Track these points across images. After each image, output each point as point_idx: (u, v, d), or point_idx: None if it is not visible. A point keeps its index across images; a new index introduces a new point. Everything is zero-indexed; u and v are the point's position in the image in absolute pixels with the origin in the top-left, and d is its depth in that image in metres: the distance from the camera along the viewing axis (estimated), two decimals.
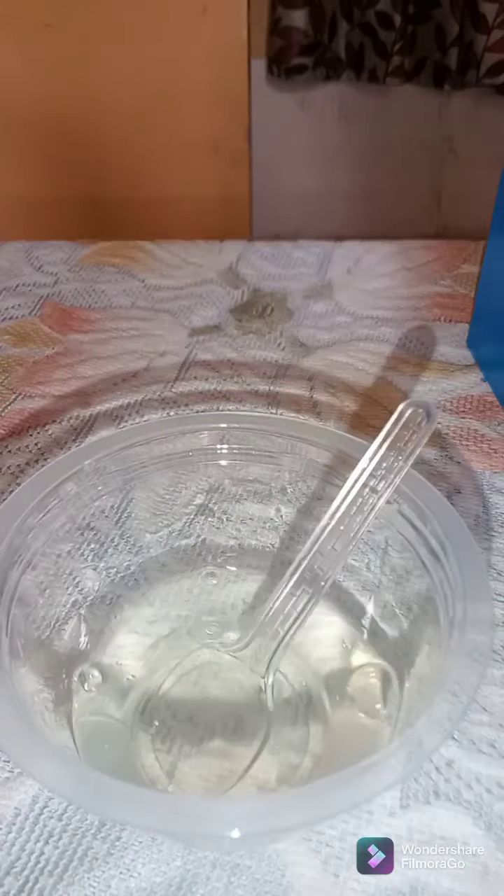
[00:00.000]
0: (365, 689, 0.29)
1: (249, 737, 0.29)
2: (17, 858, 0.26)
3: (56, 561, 0.30)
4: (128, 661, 0.31)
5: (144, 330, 0.56)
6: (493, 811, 0.27)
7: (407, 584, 0.30)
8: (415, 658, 0.28)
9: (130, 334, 0.55)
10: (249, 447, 0.33)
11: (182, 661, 0.31)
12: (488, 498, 0.40)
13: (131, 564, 0.35)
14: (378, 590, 0.32)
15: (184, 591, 0.34)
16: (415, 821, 0.27)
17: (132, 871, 0.26)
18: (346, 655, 0.31)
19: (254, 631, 0.29)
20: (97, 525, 0.34)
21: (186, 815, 0.19)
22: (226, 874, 0.25)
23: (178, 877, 0.25)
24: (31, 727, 0.22)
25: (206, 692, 0.30)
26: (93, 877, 0.25)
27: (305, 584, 0.28)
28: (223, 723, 0.29)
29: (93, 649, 0.31)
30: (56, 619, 0.31)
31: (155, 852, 0.26)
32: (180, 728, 0.29)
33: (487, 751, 0.29)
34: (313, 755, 0.28)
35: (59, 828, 0.27)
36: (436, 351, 0.53)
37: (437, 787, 0.28)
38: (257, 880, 0.25)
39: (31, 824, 0.27)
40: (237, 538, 0.36)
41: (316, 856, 0.26)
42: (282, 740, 0.28)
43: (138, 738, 0.28)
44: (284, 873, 0.26)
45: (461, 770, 0.28)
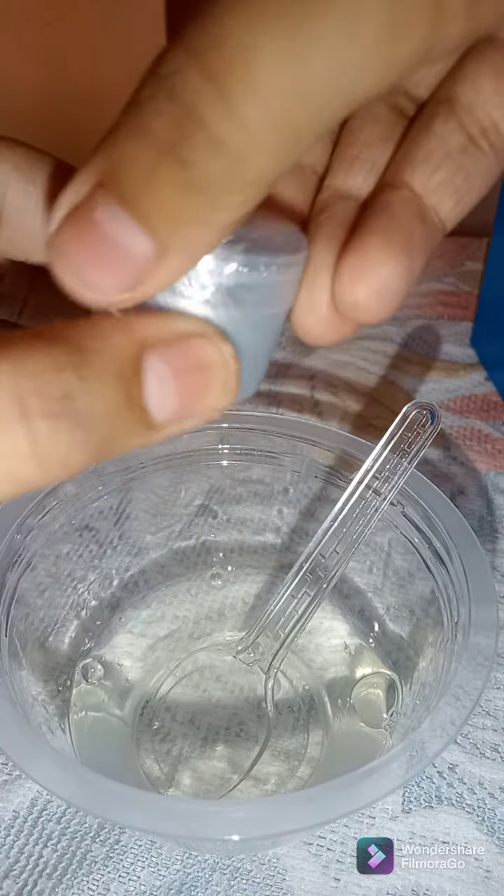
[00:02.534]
0: (368, 699, 0.29)
1: (250, 740, 0.28)
2: (15, 861, 0.26)
3: (55, 562, 0.30)
4: (127, 661, 0.31)
5: None
6: (495, 815, 0.27)
7: (410, 587, 0.29)
8: (418, 662, 0.27)
9: None
10: (250, 447, 0.33)
11: (182, 663, 0.31)
12: (493, 499, 0.40)
13: (131, 566, 0.34)
14: (381, 593, 0.32)
15: (183, 593, 0.34)
16: (417, 825, 0.26)
17: (131, 875, 0.25)
18: (349, 660, 0.31)
19: (255, 633, 0.29)
20: (96, 526, 0.33)
21: (186, 818, 0.19)
22: (226, 878, 0.25)
23: (177, 880, 0.25)
24: (30, 729, 0.22)
25: (207, 694, 0.30)
26: (92, 880, 0.25)
27: (307, 586, 0.28)
28: (224, 725, 0.29)
29: (93, 650, 0.31)
30: (55, 621, 0.30)
31: (154, 855, 0.26)
32: (181, 730, 0.29)
33: (491, 755, 0.28)
34: (313, 760, 0.28)
35: (57, 831, 0.26)
36: (439, 349, 0.53)
37: (439, 791, 0.27)
38: (257, 884, 0.25)
39: (29, 827, 0.27)
40: (238, 539, 0.36)
41: (317, 860, 0.26)
42: (282, 744, 0.28)
43: (138, 739, 0.28)
44: (285, 877, 0.25)
45: (464, 774, 0.28)
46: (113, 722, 0.29)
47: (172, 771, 0.27)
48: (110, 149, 0.12)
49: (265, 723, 0.29)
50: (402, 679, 0.28)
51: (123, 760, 0.28)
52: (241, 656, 0.30)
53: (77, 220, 0.12)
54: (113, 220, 0.12)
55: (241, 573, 0.35)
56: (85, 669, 0.30)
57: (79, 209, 0.12)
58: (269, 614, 0.29)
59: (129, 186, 0.11)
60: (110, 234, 0.12)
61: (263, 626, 0.29)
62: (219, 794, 0.27)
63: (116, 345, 0.13)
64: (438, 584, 0.26)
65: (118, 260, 0.12)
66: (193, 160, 0.11)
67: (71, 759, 0.26)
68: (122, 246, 0.12)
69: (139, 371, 0.13)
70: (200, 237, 0.12)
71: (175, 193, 0.11)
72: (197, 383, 0.14)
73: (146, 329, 0.13)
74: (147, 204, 0.11)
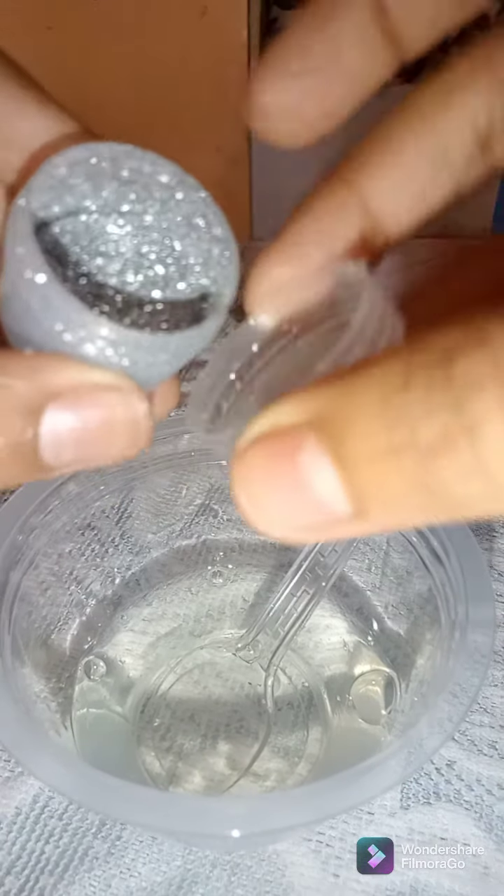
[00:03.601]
0: (366, 696, 0.29)
1: (250, 737, 0.29)
2: (17, 858, 0.26)
3: (57, 560, 0.30)
4: (128, 659, 0.31)
5: None
6: (493, 812, 0.27)
7: (408, 585, 0.30)
8: (416, 659, 0.28)
9: None
10: None
11: (183, 660, 0.31)
12: None
13: (132, 564, 0.35)
14: (379, 591, 0.32)
15: (184, 591, 0.34)
16: (415, 821, 0.27)
17: (132, 871, 0.26)
18: (348, 658, 0.31)
19: (255, 631, 0.29)
20: (98, 525, 0.34)
21: (187, 814, 0.19)
22: (226, 874, 0.25)
23: (178, 876, 0.25)
24: (32, 726, 0.22)
25: (207, 691, 0.30)
26: (93, 876, 0.25)
27: (307, 584, 0.28)
28: (224, 722, 0.29)
29: (94, 648, 0.31)
30: (57, 619, 0.31)
31: (155, 852, 0.26)
32: (181, 727, 0.29)
33: (488, 752, 0.29)
34: (313, 756, 0.28)
35: (59, 827, 0.27)
36: None
37: (437, 788, 0.28)
38: (257, 880, 0.25)
39: (31, 823, 0.27)
40: (238, 538, 0.36)
41: (316, 856, 0.26)
42: (282, 741, 0.28)
43: (139, 736, 0.29)
44: (284, 873, 0.26)
45: (462, 771, 0.28)
46: (114, 719, 0.29)
47: (173, 767, 0.28)
48: (341, 397, 0.10)
49: (265, 720, 0.29)
50: (401, 676, 0.29)
51: (125, 757, 0.28)
52: (242, 654, 0.30)
53: (276, 452, 0.11)
54: (318, 472, 0.10)
55: (241, 571, 0.35)
56: (87, 666, 0.30)
57: (282, 441, 0.11)
58: (269, 612, 0.29)
59: (351, 453, 0.10)
60: (309, 482, 0.11)
61: (263, 623, 0.29)
62: (219, 791, 0.27)
63: (21, 388, 0.12)
64: (436, 582, 0.26)
65: (307, 508, 0.11)
66: (444, 475, 0.10)
67: (73, 756, 0.26)
68: (317, 498, 0.11)
69: (39, 417, 0.13)
70: (409, 519, 0.11)
71: (404, 488, 0.10)
72: (101, 437, 0.13)
73: (56, 376, 0.13)
74: (365, 481, 0.10)
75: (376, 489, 0.10)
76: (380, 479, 0.10)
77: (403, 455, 0.10)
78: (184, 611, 0.33)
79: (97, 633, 0.32)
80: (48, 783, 0.20)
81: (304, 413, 0.11)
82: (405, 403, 0.10)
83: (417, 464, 0.10)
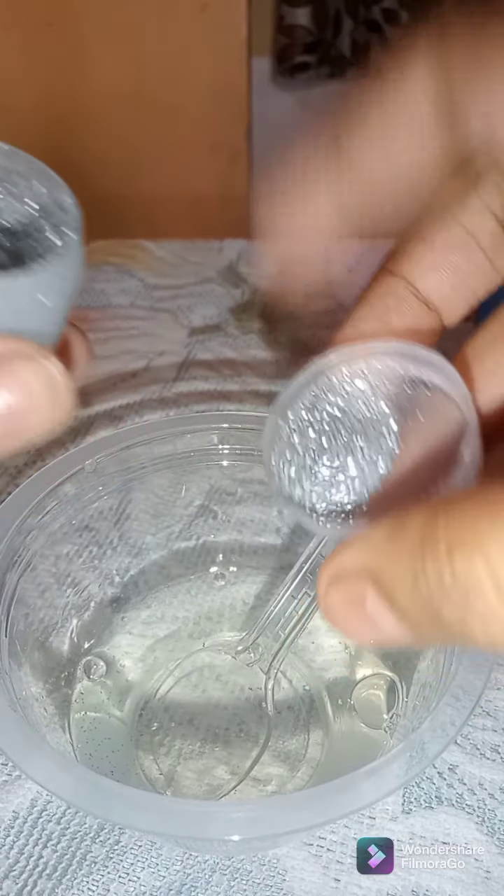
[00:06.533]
0: (368, 700, 0.29)
1: (250, 740, 0.28)
2: (15, 862, 0.26)
3: (55, 562, 0.30)
4: (127, 662, 0.31)
5: (144, 329, 0.56)
6: (495, 816, 0.27)
7: None
8: (418, 663, 0.27)
9: (129, 334, 0.55)
10: (250, 448, 0.33)
11: (182, 663, 0.31)
12: None
13: (131, 566, 0.34)
14: None
15: (183, 593, 0.34)
16: (417, 825, 0.26)
17: (131, 875, 0.25)
18: (349, 661, 0.31)
19: (255, 633, 0.29)
20: (96, 526, 0.33)
21: (187, 818, 0.19)
22: (226, 878, 0.25)
23: (177, 881, 0.25)
24: (30, 729, 0.22)
25: (206, 694, 0.30)
26: (92, 881, 0.25)
27: (308, 586, 0.28)
28: (224, 726, 0.29)
29: (93, 650, 0.31)
30: (55, 621, 0.30)
31: (154, 856, 0.26)
32: (180, 730, 0.29)
33: (491, 756, 0.28)
34: (313, 760, 0.28)
35: (57, 831, 0.26)
36: None
37: (439, 792, 0.27)
38: (257, 885, 0.25)
39: (29, 827, 0.27)
40: (238, 540, 0.36)
41: (317, 860, 0.26)
42: (282, 745, 0.28)
43: (137, 740, 0.28)
44: (285, 878, 0.25)
45: (464, 775, 0.28)
46: (112, 722, 0.29)
47: (171, 772, 0.27)
48: (388, 558, 0.14)
49: (265, 723, 0.29)
50: (403, 680, 0.28)
51: (123, 761, 0.28)
52: (242, 657, 0.30)
53: (349, 600, 0.15)
54: (381, 616, 0.14)
55: (241, 573, 0.35)
56: (87, 666, 0.30)
57: (351, 590, 0.15)
58: (270, 615, 0.29)
59: (401, 604, 0.14)
60: (375, 622, 0.15)
61: (263, 626, 0.29)
62: (218, 795, 0.27)
63: None
64: None
65: (375, 633, 0.15)
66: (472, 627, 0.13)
67: (71, 760, 0.25)
68: (381, 628, 0.15)
69: None
70: (454, 643, 0.16)
71: (444, 633, 0.14)
72: (21, 407, 0.13)
73: None
74: (415, 624, 0.14)
75: (425, 631, 0.14)
76: (426, 623, 0.14)
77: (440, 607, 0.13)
78: (183, 613, 0.33)
79: (95, 635, 0.32)
80: (46, 787, 0.20)
81: (361, 562, 0.15)
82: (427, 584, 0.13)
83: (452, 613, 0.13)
